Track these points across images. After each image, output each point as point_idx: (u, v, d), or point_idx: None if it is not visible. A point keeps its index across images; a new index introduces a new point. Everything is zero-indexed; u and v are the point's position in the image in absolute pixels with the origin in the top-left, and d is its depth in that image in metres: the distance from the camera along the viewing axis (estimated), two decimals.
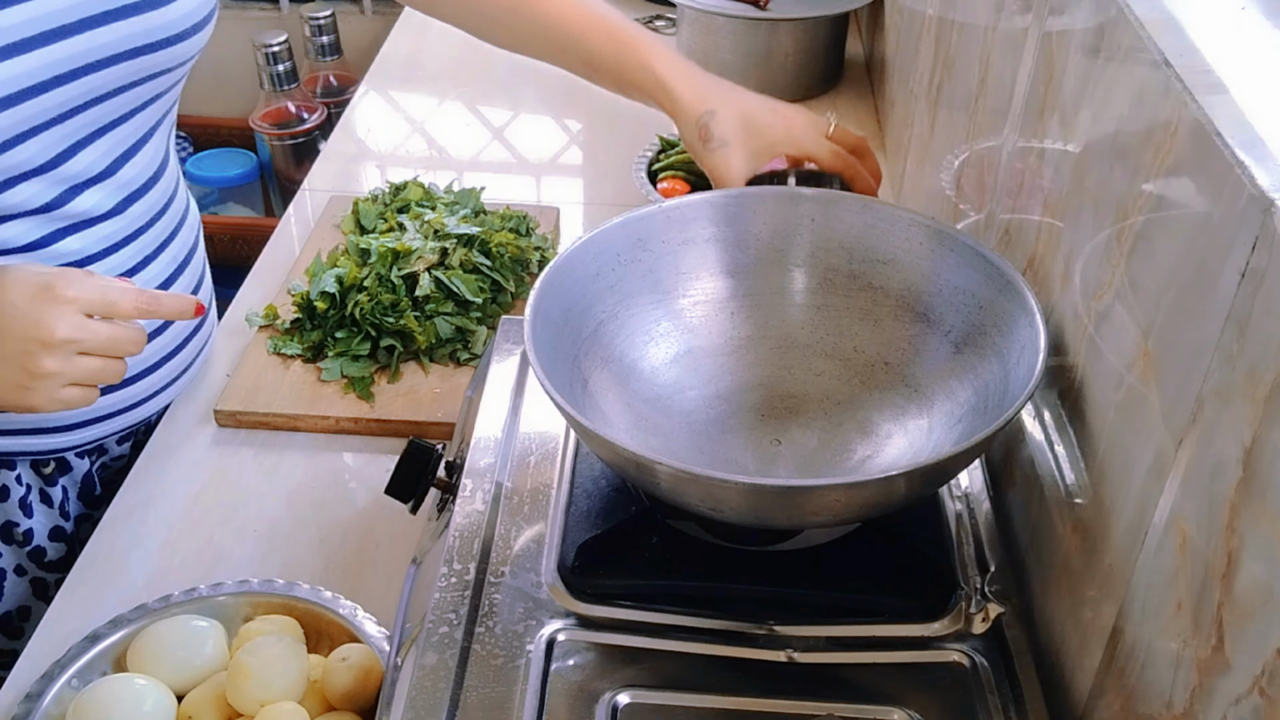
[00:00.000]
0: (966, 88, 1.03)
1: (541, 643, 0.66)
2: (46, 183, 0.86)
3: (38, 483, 1.01)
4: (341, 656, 0.80)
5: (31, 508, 1.01)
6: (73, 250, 0.89)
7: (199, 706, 0.78)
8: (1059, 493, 0.70)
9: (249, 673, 0.76)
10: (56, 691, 0.79)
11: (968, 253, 0.76)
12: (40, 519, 1.01)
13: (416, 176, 1.31)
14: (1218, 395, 0.51)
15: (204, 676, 0.80)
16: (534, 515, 0.74)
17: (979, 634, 0.68)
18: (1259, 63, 0.59)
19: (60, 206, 0.87)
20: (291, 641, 0.80)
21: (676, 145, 1.33)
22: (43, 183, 0.86)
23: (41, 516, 1.02)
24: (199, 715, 0.78)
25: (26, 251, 0.87)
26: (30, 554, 1.01)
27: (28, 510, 1.00)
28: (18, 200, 0.85)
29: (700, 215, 0.82)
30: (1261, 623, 0.46)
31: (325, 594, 0.85)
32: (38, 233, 0.87)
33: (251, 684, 0.76)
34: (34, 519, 1.01)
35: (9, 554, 1.00)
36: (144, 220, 0.95)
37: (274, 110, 1.89)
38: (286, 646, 0.79)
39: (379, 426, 1.04)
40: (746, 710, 0.64)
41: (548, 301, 0.73)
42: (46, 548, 1.02)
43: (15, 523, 0.99)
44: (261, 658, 0.77)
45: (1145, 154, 0.61)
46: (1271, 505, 0.46)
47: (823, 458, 0.77)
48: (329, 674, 0.79)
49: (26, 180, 0.84)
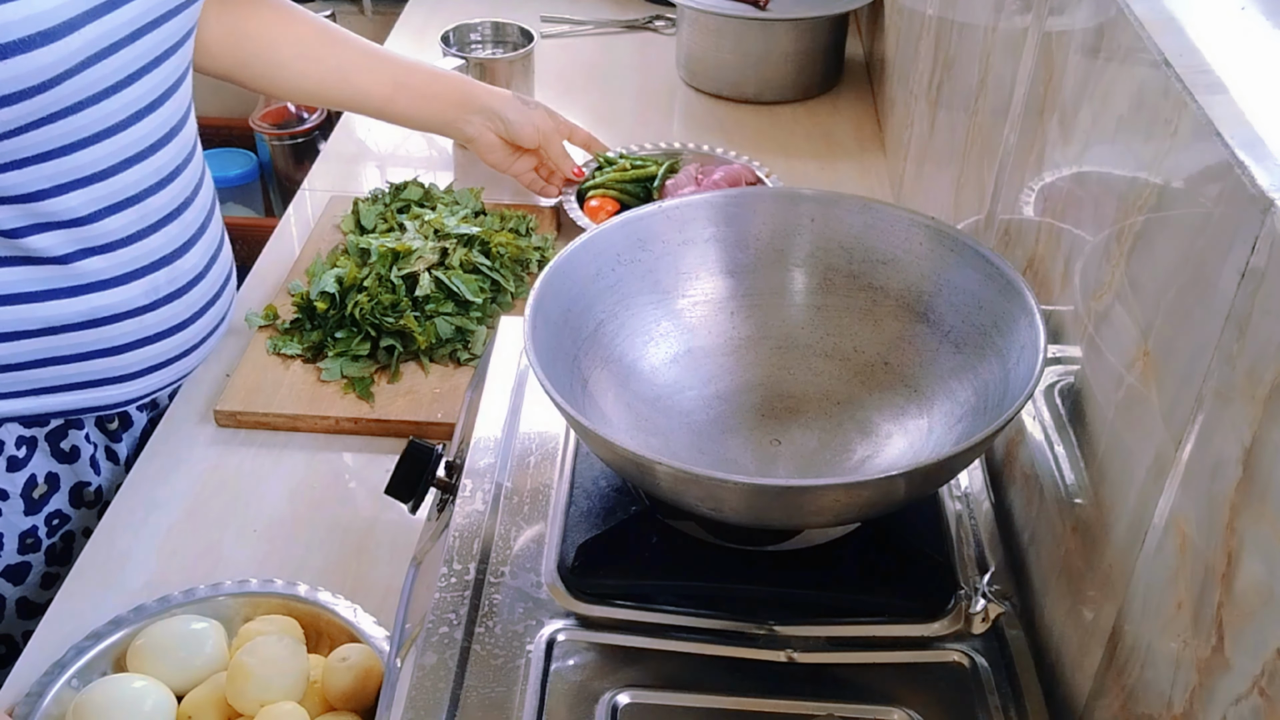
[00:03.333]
0: (966, 88, 1.03)
1: (541, 643, 0.66)
2: (87, 120, 0.86)
3: (103, 440, 1.05)
4: (341, 657, 0.80)
5: (99, 465, 1.04)
6: (74, 207, 0.89)
7: (199, 707, 0.78)
8: (1059, 493, 0.70)
9: (249, 673, 0.76)
10: (56, 691, 0.79)
11: (968, 253, 0.76)
12: (107, 476, 1.05)
13: (416, 176, 1.31)
14: (1218, 395, 0.51)
15: (204, 677, 0.80)
16: (534, 515, 0.74)
17: (979, 634, 0.68)
18: (1259, 63, 0.59)
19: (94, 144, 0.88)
20: (291, 642, 0.80)
21: (614, 163, 1.32)
22: (84, 120, 0.86)
23: (108, 474, 1.05)
24: (199, 715, 0.78)
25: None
26: (100, 511, 1.02)
27: (96, 468, 1.04)
28: None
29: (700, 215, 0.82)
30: (1261, 623, 0.47)
31: (324, 594, 0.85)
32: None
33: (251, 684, 0.76)
34: (102, 476, 1.04)
35: (78, 517, 1.03)
36: (175, 164, 0.96)
37: (274, 110, 1.89)
38: (286, 647, 0.79)
39: (379, 426, 1.04)
40: (746, 710, 0.64)
41: (548, 301, 0.73)
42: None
43: (86, 482, 1.03)
44: (261, 658, 0.77)
45: (1145, 154, 0.61)
46: (1271, 505, 0.46)
47: (823, 458, 0.77)
48: (329, 674, 0.79)
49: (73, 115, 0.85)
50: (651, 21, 1.80)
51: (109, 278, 0.93)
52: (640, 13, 1.82)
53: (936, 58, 1.19)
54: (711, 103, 1.60)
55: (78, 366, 0.95)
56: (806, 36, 1.55)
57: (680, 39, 1.63)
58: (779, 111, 1.58)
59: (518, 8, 1.76)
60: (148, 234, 0.94)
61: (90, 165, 0.88)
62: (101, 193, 0.90)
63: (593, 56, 1.72)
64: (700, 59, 1.60)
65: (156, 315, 0.97)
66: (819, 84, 1.61)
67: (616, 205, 1.27)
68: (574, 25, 1.79)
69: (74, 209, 0.89)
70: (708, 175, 1.27)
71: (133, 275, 0.94)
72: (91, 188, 0.89)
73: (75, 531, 1.03)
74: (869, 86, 1.65)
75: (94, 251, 0.91)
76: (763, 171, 1.29)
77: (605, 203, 1.27)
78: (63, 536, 1.02)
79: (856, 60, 1.72)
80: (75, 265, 0.91)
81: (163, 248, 0.96)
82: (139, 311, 0.95)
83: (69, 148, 0.86)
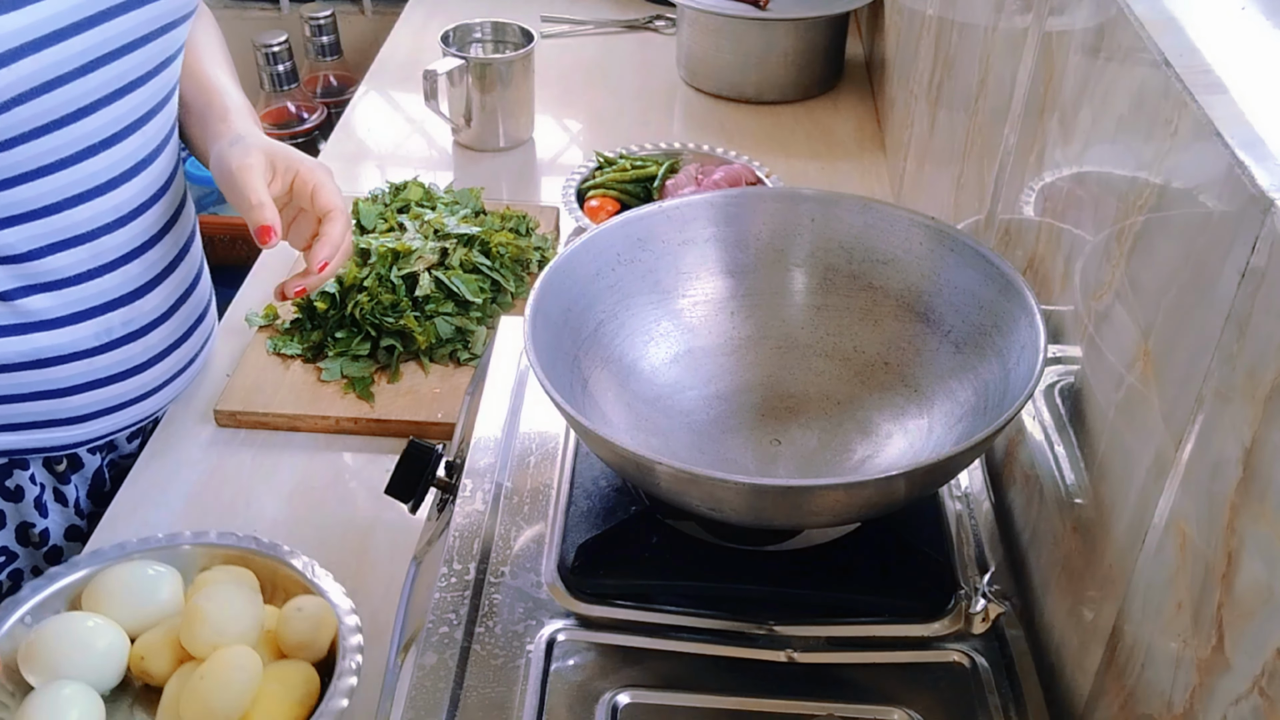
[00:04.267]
0: (966, 88, 1.03)
1: (541, 643, 0.66)
2: (66, 139, 0.83)
3: (51, 481, 1.01)
4: (297, 606, 0.80)
5: (46, 507, 1.01)
6: (12, 243, 0.86)
7: (152, 649, 0.78)
8: (1059, 493, 0.70)
9: (203, 616, 0.76)
10: (9, 627, 0.79)
11: (968, 253, 0.76)
12: (55, 518, 1.02)
13: (416, 176, 1.31)
14: (1218, 395, 0.51)
15: (158, 621, 0.80)
16: (534, 515, 0.74)
17: (979, 634, 0.68)
18: (1259, 63, 0.59)
19: (73, 164, 0.85)
20: (247, 589, 0.80)
21: (614, 163, 1.32)
22: (63, 138, 0.83)
23: (56, 515, 1.02)
24: (151, 657, 0.78)
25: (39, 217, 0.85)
26: (47, 555, 1.01)
27: (43, 510, 1.00)
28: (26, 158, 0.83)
29: (700, 215, 0.82)
30: (1261, 623, 0.46)
31: (283, 548, 0.85)
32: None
33: (205, 628, 0.76)
34: (49, 519, 1.01)
35: (25, 555, 1.00)
36: (140, 201, 0.92)
37: (274, 110, 1.89)
38: (242, 593, 0.79)
39: (379, 426, 1.04)
40: (746, 710, 0.64)
41: (548, 301, 0.73)
42: (63, 548, 1.02)
43: (31, 523, 0.99)
44: (216, 603, 0.77)
45: (1145, 154, 0.61)
46: (1271, 505, 0.46)
47: (823, 458, 0.77)
48: (283, 623, 0.79)
49: (41, 136, 0.82)
50: (651, 21, 1.80)
51: (55, 317, 0.89)
52: (640, 13, 1.82)
53: (936, 58, 1.19)
54: (711, 103, 1.60)
55: (21, 407, 0.92)
56: (806, 36, 1.55)
57: (680, 39, 1.63)
58: (779, 111, 1.58)
59: (518, 8, 1.76)
60: (101, 273, 0.90)
61: (33, 200, 0.84)
62: (43, 230, 0.85)
63: (593, 56, 1.72)
64: (700, 59, 1.60)
65: (109, 357, 0.93)
66: (819, 84, 1.61)
67: (616, 205, 1.27)
68: (574, 25, 1.79)
69: (12, 245, 0.85)
70: (708, 175, 1.27)
71: (82, 315, 0.90)
72: (32, 224, 0.85)
73: (24, 570, 1.00)
74: (869, 86, 1.65)
75: (39, 289, 0.87)
76: (763, 171, 1.29)
77: (605, 203, 1.27)
78: (10, 574, 0.99)
79: (856, 60, 1.72)
80: (18, 303, 0.87)
81: (119, 287, 0.92)
82: (89, 353, 0.92)
83: (8, 182, 0.82)
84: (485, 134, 1.48)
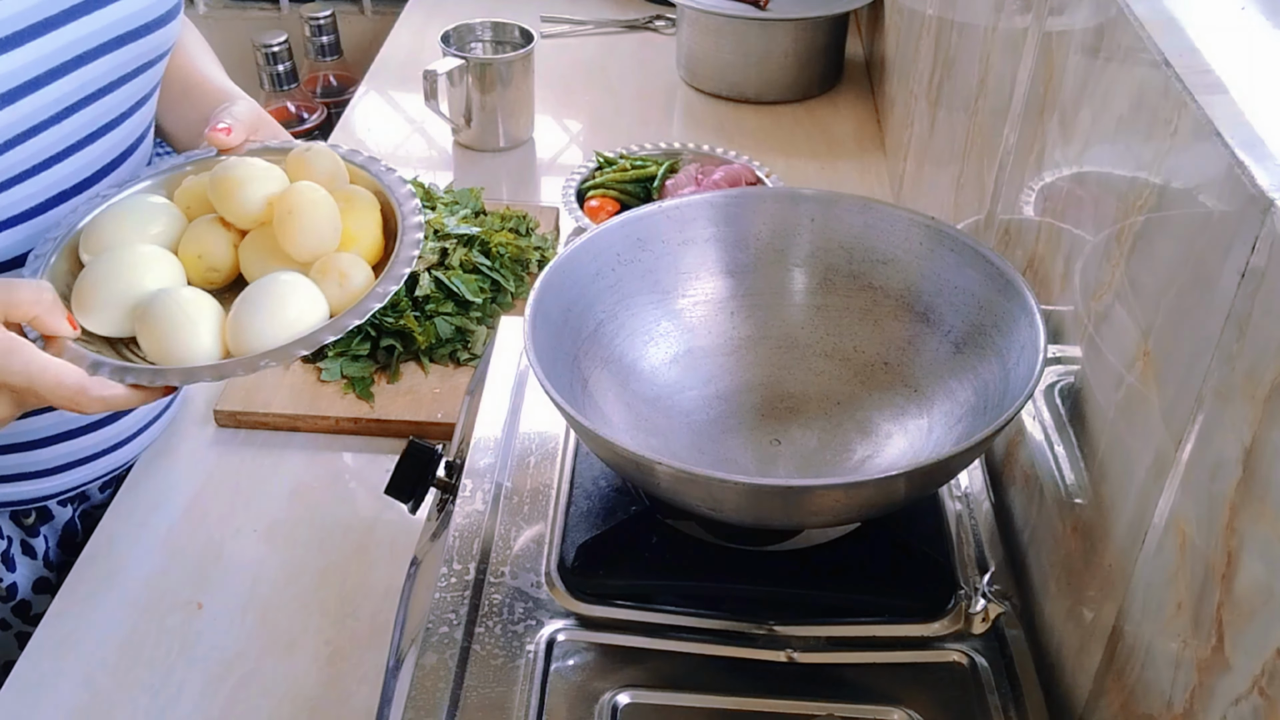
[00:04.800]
0: (966, 88, 1.03)
1: (541, 643, 0.66)
2: (38, 186, 0.82)
3: (19, 534, 0.98)
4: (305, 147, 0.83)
5: (14, 561, 0.97)
6: None
7: (207, 243, 0.79)
8: (1059, 493, 0.70)
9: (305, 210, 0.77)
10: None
11: (968, 253, 0.76)
12: (24, 571, 0.98)
13: (416, 176, 1.31)
14: (1218, 395, 0.51)
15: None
16: (534, 515, 0.74)
17: (979, 634, 0.68)
18: (1259, 63, 0.59)
19: (47, 211, 0.84)
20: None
21: (614, 163, 1.32)
22: (35, 185, 0.82)
23: (25, 569, 0.98)
24: (207, 253, 0.79)
25: None
26: (15, 609, 0.98)
27: (10, 564, 0.97)
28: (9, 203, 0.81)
29: (700, 215, 0.82)
30: (1261, 623, 0.47)
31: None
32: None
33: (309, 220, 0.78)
34: (17, 572, 0.97)
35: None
36: None
37: (274, 110, 1.89)
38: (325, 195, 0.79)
39: (379, 426, 1.04)
40: (746, 710, 0.64)
41: (548, 301, 0.73)
42: (31, 601, 0.99)
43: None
44: (309, 198, 0.78)
45: (1145, 154, 0.61)
46: (1271, 505, 0.46)
47: (822, 458, 0.77)
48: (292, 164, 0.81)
49: (21, 183, 0.81)
50: (651, 21, 1.80)
51: None
52: (640, 13, 1.82)
53: (936, 57, 1.19)
54: (711, 103, 1.60)
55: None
56: (806, 36, 1.55)
57: (680, 39, 1.63)
58: (779, 111, 1.58)
59: (518, 8, 1.76)
60: None
61: (4, 251, 0.81)
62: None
63: (593, 56, 1.72)
64: (700, 59, 1.60)
65: None
66: (819, 84, 1.61)
67: (616, 205, 1.27)
68: (574, 25, 1.79)
69: None
70: (708, 175, 1.27)
71: None
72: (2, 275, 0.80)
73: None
74: (869, 86, 1.65)
75: None
76: (763, 171, 1.29)
77: (605, 203, 1.27)
78: None
79: (856, 60, 1.72)
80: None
81: None
82: None
83: None
84: (485, 134, 1.48)
